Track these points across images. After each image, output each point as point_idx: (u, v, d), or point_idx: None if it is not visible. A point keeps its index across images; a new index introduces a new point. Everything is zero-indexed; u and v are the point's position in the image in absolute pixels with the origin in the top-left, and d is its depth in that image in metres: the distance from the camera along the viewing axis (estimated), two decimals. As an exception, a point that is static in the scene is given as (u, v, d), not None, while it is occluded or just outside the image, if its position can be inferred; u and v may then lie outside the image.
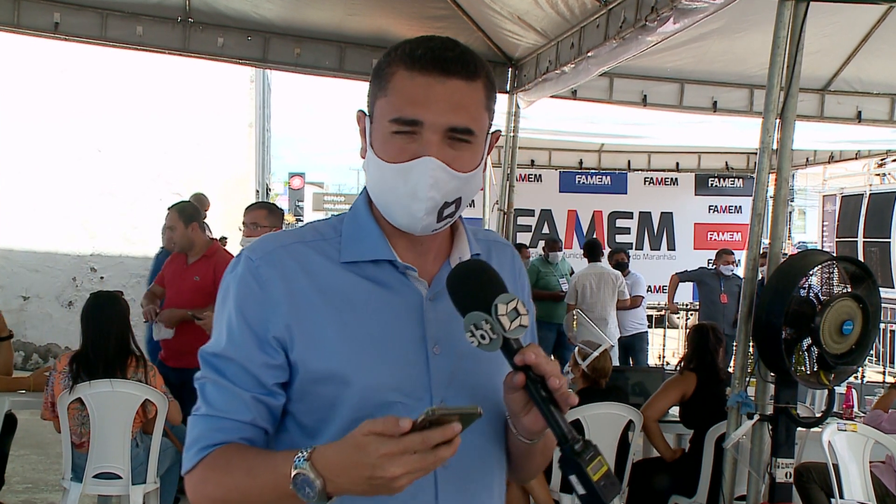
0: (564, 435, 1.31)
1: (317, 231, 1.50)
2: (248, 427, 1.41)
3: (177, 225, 5.64)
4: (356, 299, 1.43)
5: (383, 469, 1.19)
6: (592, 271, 9.40)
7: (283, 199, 42.24)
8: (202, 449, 1.41)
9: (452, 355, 1.45)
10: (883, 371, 11.47)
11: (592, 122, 9.28)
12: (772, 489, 4.06)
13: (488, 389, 1.45)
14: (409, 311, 1.45)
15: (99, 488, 4.70)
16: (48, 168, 11.08)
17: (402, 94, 1.39)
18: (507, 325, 1.32)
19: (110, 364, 4.63)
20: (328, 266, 1.45)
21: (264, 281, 1.43)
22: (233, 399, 1.42)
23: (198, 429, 1.44)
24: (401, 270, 1.46)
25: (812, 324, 3.89)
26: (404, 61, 1.40)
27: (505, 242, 1.66)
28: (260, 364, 1.42)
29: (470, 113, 1.40)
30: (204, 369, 1.47)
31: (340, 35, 7.02)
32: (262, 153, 13.27)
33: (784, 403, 4.04)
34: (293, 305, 1.42)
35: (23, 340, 11.01)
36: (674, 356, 12.44)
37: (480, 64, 1.43)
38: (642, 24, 4.87)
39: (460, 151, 1.39)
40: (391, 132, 1.39)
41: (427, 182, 1.37)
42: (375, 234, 1.47)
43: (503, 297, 1.33)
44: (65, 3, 6.37)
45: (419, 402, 1.41)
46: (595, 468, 1.29)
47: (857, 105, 7.73)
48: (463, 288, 1.37)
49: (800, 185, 23.84)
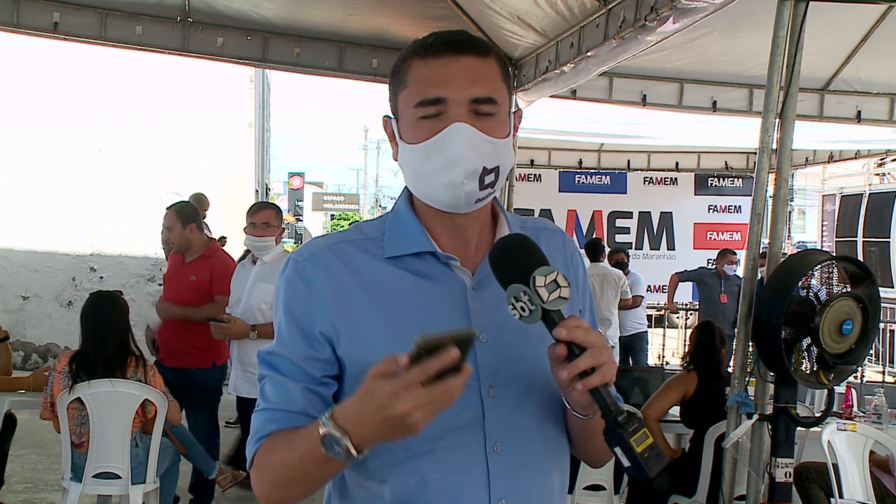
0: (608, 406, 1.32)
1: (361, 231, 1.55)
2: (300, 416, 1.45)
3: (174, 225, 5.63)
4: (400, 292, 1.47)
5: (392, 408, 1.21)
6: (595, 271, 9.39)
7: (283, 198, 42.22)
8: (257, 440, 1.47)
9: (499, 342, 1.47)
10: (882, 371, 11.47)
11: (592, 122, 9.27)
12: (771, 489, 4.06)
13: (538, 374, 1.47)
14: (454, 300, 1.48)
15: (98, 488, 4.70)
16: (48, 168, 11.08)
17: (420, 79, 1.44)
18: (545, 296, 1.33)
19: (110, 364, 4.63)
20: (372, 262, 1.50)
21: (310, 280, 1.49)
22: (284, 391, 1.47)
23: (255, 423, 1.50)
24: (443, 261, 1.49)
25: (812, 324, 3.89)
26: (417, 52, 1.46)
27: (556, 228, 1.68)
28: (308, 358, 1.47)
29: (489, 84, 1.44)
30: (260, 368, 1.53)
31: (340, 35, 7.01)
32: (262, 153, 13.29)
33: (784, 403, 4.04)
34: (338, 302, 1.47)
35: (22, 340, 11.02)
36: (673, 356, 12.44)
37: (489, 44, 1.50)
38: (642, 24, 4.86)
39: (487, 122, 1.43)
40: (417, 118, 1.44)
41: (462, 144, 1.40)
42: (416, 228, 1.51)
43: (542, 270, 1.34)
44: (64, 3, 6.36)
45: (469, 390, 1.41)
46: (639, 440, 1.31)
47: (857, 105, 7.72)
48: (503, 262, 1.39)
49: (799, 185, 23.85)
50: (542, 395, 1.50)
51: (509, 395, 1.47)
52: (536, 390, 1.50)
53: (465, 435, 1.44)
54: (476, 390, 1.45)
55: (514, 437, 1.47)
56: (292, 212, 41.20)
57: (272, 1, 6.59)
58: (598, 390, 1.33)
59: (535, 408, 1.50)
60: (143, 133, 11.35)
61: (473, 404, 1.44)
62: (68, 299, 11.15)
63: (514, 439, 1.47)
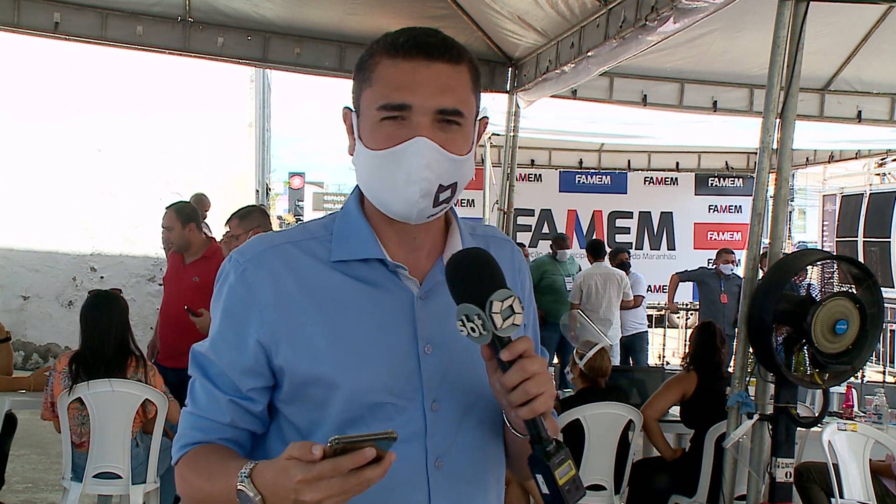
0: (539, 435, 1.31)
1: (307, 230, 1.49)
2: (227, 428, 1.43)
3: (174, 225, 5.61)
4: (345, 300, 1.42)
5: (303, 494, 1.17)
6: (598, 271, 9.39)
7: (283, 198, 42.24)
8: (182, 447, 1.45)
9: (445, 354, 1.43)
10: (883, 371, 11.46)
11: (592, 122, 9.28)
12: (772, 489, 4.06)
13: (481, 387, 1.43)
14: (400, 310, 1.43)
15: (99, 488, 4.70)
16: (48, 168, 11.08)
17: (387, 81, 1.37)
18: (499, 323, 1.29)
19: (110, 364, 4.62)
20: (317, 266, 1.44)
21: (251, 284, 1.42)
22: (212, 400, 1.44)
23: (183, 425, 1.47)
24: (391, 269, 1.44)
25: (804, 322, 3.89)
26: (387, 50, 1.39)
27: (505, 238, 1.64)
28: (239, 369, 1.42)
29: (458, 95, 1.38)
30: (191, 366, 1.48)
31: (340, 35, 7.02)
32: (262, 153, 13.28)
33: (784, 403, 4.04)
34: (280, 308, 1.41)
35: (23, 340, 11.01)
36: (674, 356, 12.44)
37: (463, 49, 1.42)
38: (642, 24, 4.86)
39: (451, 134, 1.37)
40: (379, 120, 1.37)
41: (421, 162, 1.34)
42: (365, 233, 1.45)
43: (499, 294, 1.30)
44: (65, 3, 6.36)
45: (410, 403, 1.41)
46: (563, 472, 1.29)
47: (857, 105, 7.72)
48: (460, 277, 1.34)
49: (800, 185, 23.82)
50: (485, 410, 1.46)
51: (453, 410, 1.44)
52: (481, 405, 1.46)
53: (406, 449, 1.39)
54: (419, 404, 1.41)
55: (457, 452, 1.44)
56: (293, 212, 41.19)
57: (272, 1, 6.59)
58: (532, 418, 1.31)
59: (477, 422, 1.46)
60: (143, 133, 11.34)
61: (416, 418, 1.41)
62: (69, 299, 11.14)
63: (456, 454, 1.43)
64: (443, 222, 1.51)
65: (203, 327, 5.16)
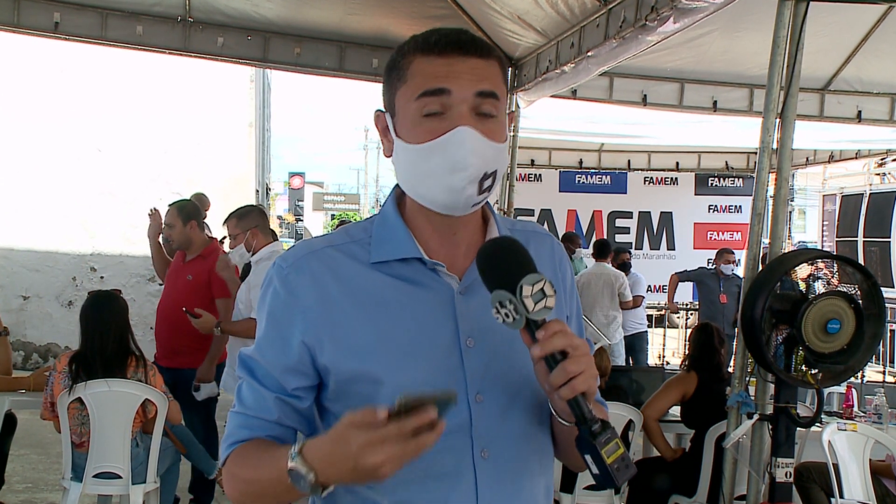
0: (583, 415, 1.32)
1: (347, 234, 1.53)
2: (274, 425, 1.48)
3: (175, 223, 5.63)
4: (387, 299, 1.46)
5: (364, 458, 1.22)
6: (595, 271, 9.43)
7: (283, 198, 42.25)
8: (230, 445, 1.49)
9: (486, 348, 1.46)
10: (883, 371, 11.46)
11: (592, 122, 9.28)
12: (772, 489, 4.06)
13: (526, 379, 1.46)
14: (441, 306, 1.46)
15: (99, 488, 4.70)
16: (48, 168, 11.08)
17: (424, 74, 1.42)
18: (530, 306, 1.32)
19: (109, 364, 4.62)
20: (358, 268, 1.48)
21: (293, 288, 1.47)
22: (259, 399, 1.48)
23: (230, 425, 1.51)
24: (430, 267, 1.48)
25: (795, 320, 3.89)
26: (420, 48, 1.44)
27: (545, 233, 1.66)
28: (284, 368, 1.47)
29: (493, 82, 1.43)
30: (239, 369, 1.53)
31: (340, 35, 7.02)
32: (262, 153, 13.29)
33: (784, 403, 4.04)
34: (323, 310, 1.45)
35: (23, 340, 11.01)
36: (674, 356, 12.44)
37: (492, 47, 1.48)
38: (642, 24, 4.86)
39: (489, 124, 1.42)
40: (420, 115, 1.41)
41: (467, 149, 1.38)
42: (402, 233, 1.49)
43: (529, 278, 1.33)
44: (65, 3, 6.37)
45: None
46: (610, 451, 1.31)
47: (857, 105, 7.72)
48: (490, 265, 1.38)
49: (800, 185, 23.84)
50: (529, 401, 1.49)
51: (497, 401, 1.46)
52: (524, 396, 1.49)
53: (452, 440, 1.42)
54: (463, 396, 1.44)
55: (502, 443, 1.46)
56: (293, 212, 41.21)
57: (272, 1, 6.60)
58: (574, 398, 1.32)
59: (522, 413, 1.49)
60: (143, 133, 11.34)
61: (461, 410, 1.43)
62: (69, 299, 11.14)
63: (501, 445, 1.46)
64: (480, 219, 1.55)
65: (202, 328, 5.16)
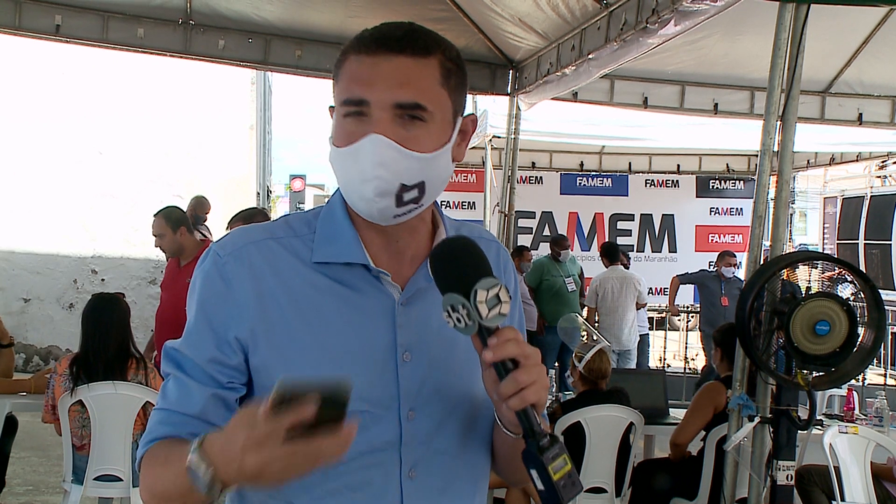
0: (532, 428, 1.27)
1: (290, 227, 1.45)
2: (197, 421, 1.36)
3: (165, 231, 5.57)
4: (325, 303, 1.39)
5: (244, 460, 1.11)
6: (614, 275, 9.47)
7: (284, 201, 42.23)
8: (147, 442, 1.39)
9: (423, 362, 1.40)
10: (884, 373, 11.45)
11: (593, 124, 9.29)
12: (773, 492, 4.05)
13: (463, 393, 1.41)
14: (380, 316, 1.40)
15: (100, 490, 4.69)
16: (49, 170, 11.08)
17: (350, 76, 1.35)
18: (484, 312, 1.25)
19: (110, 366, 4.62)
20: (298, 266, 1.40)
21: (230, 279, 1.39)
22: (185, 392, 1.38)
23: (150, 423, 1.42)
24: (374, 274, 1.40)
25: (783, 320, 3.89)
26: (354, 46, 1.37)
27: (491, 238, 1.60)
28: (213, 361, 1.38)
29: (419, 89, 1.33)
30: (164, 363, 1.43)
31: (341, 37, 7.01)
32: (263, 155, 13.26)
33: (785, 406, 4.04)
34: (260, 307, 1.37)
35: (24, 343, 11.01)
36: (675, 358, 12.43)
37: (435, 42, 1.38)
38: (643, 27, 4.86)
39: (414, 131, 1.32)
40: (342, 116, 1.35)
41: (374, 160, 1.30)
42: (349, 236, 1.42)
43: (484, 283, 1.26)
44: (66, 6, 6.37)
45: (387, 411, 1.38)
46: (557, 467, 1.26)
47: (858, 107, 7.72)
48: (443, 266, 1.31)
49: (801, 188, 23.82)
50: (464, 419, 1.43)
51: (430, 418, 1.40)
52: (459, 413, 1.43)
53: (380, 457, 1.37)
54: (395, 412, 1.38)
55: (432, 462, 1.40)
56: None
57: (273, 3, 6.60)
58: (523, 410, 1.26)
59: (455, 432, 1.43)
60: (144, 135, 11.35)
61: (391, 426, 1.38)
62: (70, 302, 11.15)
63: (429, 465, 1.40)
64: (429, 226, 1.47)
65: None
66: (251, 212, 5.55)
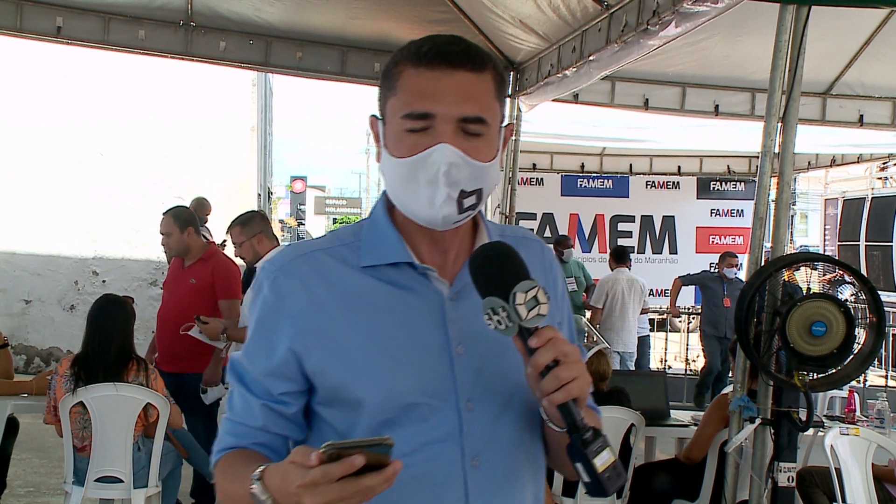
0: (575, 423, 1.31)
1: (337, 237, 1.52)
2: (260, 432, 1.47)
3: (172, 230, 5.59)
4: (376, 303, 1.45)
5: (303, 498, 1.19)
6: (622, 276, 9.55)
7: (285, 202, 42.28)
8: (218, 452, 1.50)
9: (477, 354, 1.45)
10: (885, 375, 11.44)
11: (594, 126, 9.28)
12: (774, 493, 4.05)
13: (517, 386, 1.44)
14: (431, 312, 1.45)
15: (101, 492, 4.69)
16: (50, 172, 11.09)
17: (411, 90, 1.40)
18: (523, 314, 1.31)
19: (111, 368, 4.63)
20: (347, 272, 1.47)
21: (282, 292, 1.46)
22: (246, 405, 1.48)
23: (220, 431, 1.52)
24: (420, 272, 1.47)
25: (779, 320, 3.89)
26: (410, 59, 1.41)
27: (535, 238, 1.65)
28: (269, 374, 1.46)
29: (481, 103, 1.40)
30: (229, 374, 1.53)
31: (342, 39, 7.03)
32: (264, 157, 13.30)
33: (786, 407, 4.03)
34: (312, 315, 1.44)
35: (25, 344, 11.02)
36: (676, 360, 12.43)
37: (487, 56, 1.44)
38: (644, 28, 4.86)
39: (474, 143, 1.40)
40: (404, 130, 1.40)
41: (443, 168, 1.36)
42: (393, 238, 1.48)
43: (523, 285, 1.32)
44: (67, 7, 6.37)
45: (444, 403, 1.43)
46: (602, 459, 1.30)
47: (859, 109, 7.71)
48: (483, 271, 1.37)
49: (802, 189, 23.83)
50: (521, 407, 1.48)
51: (488, 408, 1.45)
52: (516, 402, 1.47)
53: (442, 449, 1.42)
54: (453, 404, 1.43)
55: (493, 451, 1.45)
56: (294, 216, 41.24)
57: (274, 5, 6.60)
58: (566, 406, 1.31)
59: (514, 420, 1.48)
60: (145, 137, 11.36)
61: (450, 419, 1.43)
62: (71, 303, 11.15)
63: (492, 453, 1.45)
64: (471, 225, 1.53)
65: (210, 333, 5.15)
66: (249, 215, 5.56)
